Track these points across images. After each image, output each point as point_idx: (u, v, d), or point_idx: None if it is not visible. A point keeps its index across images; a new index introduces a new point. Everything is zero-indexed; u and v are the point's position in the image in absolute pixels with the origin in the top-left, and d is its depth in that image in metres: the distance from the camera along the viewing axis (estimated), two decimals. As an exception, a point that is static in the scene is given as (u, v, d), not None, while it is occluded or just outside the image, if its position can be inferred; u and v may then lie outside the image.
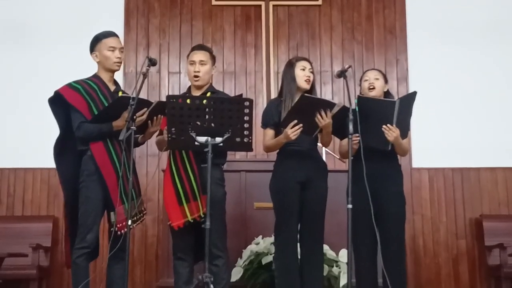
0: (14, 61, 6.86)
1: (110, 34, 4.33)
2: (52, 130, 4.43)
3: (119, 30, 6.36)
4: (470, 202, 6.71)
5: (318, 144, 4.45)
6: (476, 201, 6.71)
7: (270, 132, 4.39)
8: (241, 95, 4.57)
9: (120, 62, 4.33)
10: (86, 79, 4.30)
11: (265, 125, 4.43)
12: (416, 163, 6.76)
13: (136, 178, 4.32)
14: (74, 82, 4.26)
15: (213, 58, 4.44)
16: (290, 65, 4.42)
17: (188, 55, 4.47)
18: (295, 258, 4.32)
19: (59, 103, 4.22)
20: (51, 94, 4.24)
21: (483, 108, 6.86)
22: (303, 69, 4.37)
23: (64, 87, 4.22)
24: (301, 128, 4.09)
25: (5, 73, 6.84)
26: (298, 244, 4.37)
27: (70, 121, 4.20)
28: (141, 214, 4.30)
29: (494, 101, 6.87)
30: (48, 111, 4.27)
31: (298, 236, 4.35)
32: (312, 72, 4.40)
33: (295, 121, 4.09)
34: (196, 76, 4.33)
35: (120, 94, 4.21)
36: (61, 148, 4.28)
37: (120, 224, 4.04)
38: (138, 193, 4.28)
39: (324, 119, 4.06)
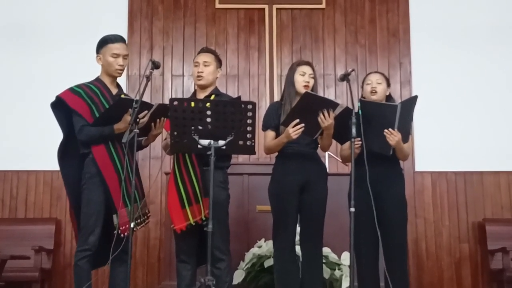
0: (17, 63, 6.87)
1: (116, 40, 4.29)
2: (55, 132, 4.44)
3: (123, 33, 6.29)
4: (473, 206, 6.71)
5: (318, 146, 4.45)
6: (479, 205, 6.71)
7: (270, 133, 4.39)
8: (240, 97, 4.57)
9: (122, 70, 4.31)
10: (88, 82, 4.31)
11: (265, 127, 4.44)
12: (419, 167, 6.76)
13: (139, 180, 4.32)
14: (76, 86, 4.26)
15: (218, 61, 4.45)
16: (291, 69, 4.44)
17: (194, 58, 4.49)
18: (293, 260, 4.33)
19: (61, 107, 4.22)
20: (54, 96, 4.24)
21: (487, 112, 6.86)
22: (303, 75, 4.37)
23: (65, 91, 4.23)
24: (303, 128, 4.09)
25: (7, 75, 6.86)
26: (299, 247, 4.37)
27: (73, 124, 4.20)
28: (145, 217, 4.29)
29: (497, 105, 6.87)
30: (50, 113, 4.27)
31: (298, 238, 4.36)
32: (313, 77, 4.40)
33: (297, 121, 4.09)
34: (199, 76, 4.35)
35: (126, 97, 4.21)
36: (65, 152, 4.29)
37: (123, 227, 4.03)
38: (142, 196, 4.28)
39: (327, 119, 4.05)
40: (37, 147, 6.58)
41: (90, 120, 4.13)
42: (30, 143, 6.66)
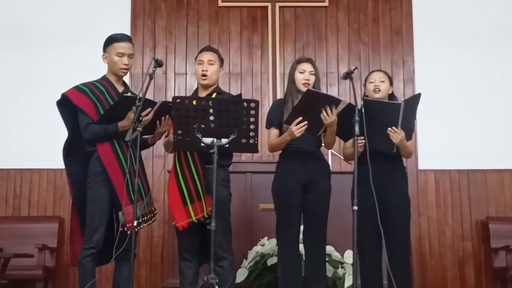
0: (20, 61, 6.88)
1: (122, 39, 4.30)
2: (58, 131, 4.45)
3: (126, 31, 6.33)
4: (476, 204, 6.70)
5: (322, 144, 4.45)
6: (482, 203, 6.70)
7: (274, 131, 4.40)
8: (240, 95, 4.57)
9: (127, 69, 4.32)
10: (94, 81, 4.32)
11: (269, 124, 4.44)
12: (422, 165, 6.76)
13: (145, 178, 4.33)
14: (82, 84, 4.27)
15: (221, 60, 4.45)
16: (292, 68, 4.46)
17: (196, 57, 4.48)
18: (297, 259, 4.33)
19: (67, 105, 4.23)
20: (58, 95, 4.25)
21: (490, 110, 6.85)
22: (302, 72, 4.37)
23: (71, 89, 4.24)
24: (306, 126, 4.09)
25: (10, 73, 6.86)
26: (302, 245, 4.37)
27: (79, 122, 4.21)
28: (152, 214, 4.29)
29: (500, 103, 6.86)
30: (54, 112, 4.28)
31: (302, 236, 4.36)
32: (314, 74, 4.39)
33: (300, 118, 4.09)
34: (204, 75, 4.34)
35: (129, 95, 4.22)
36: (70, 150, 4.30)
37: (129, 224, 4.03)
38: (147, 193, 4.28)
39: (330, 116, 4.05)
40: (40, 146, 6.59)
41: (96, 118, 4.14)
42: (33, 141, 6.67)
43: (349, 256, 4.93)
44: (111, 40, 4.31)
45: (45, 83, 6.67)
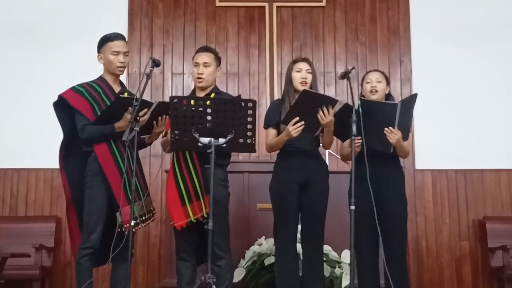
0: (18, 61, 6.87)
1: (116, 37, 4.31)
2: (55, 130, 4.44)
3: (123, 31, 6.30)
4: (473, 204, 6.71)
5: (320, 144, 4.45)
6: (479, 203, 6.71)
7: (272, 131, 4.40)
8: (240, 96, 4.57)
9: (124, 67, 4.33)
10: (91, 81, 4.32)
11: (267, 124, 4.45)
12: (419, 165, 6.76)
13: (143, 178, 4.33)
14: (78, 85, 4.28)
15: (218, 60, 4.44)
16: (289, 68, 4.47)
17: (193, 57, 4.48)
18: (294, 258, 4.34)
19: (63, 106, 4.23)
20: (55, 95, 4.24)
21: (487, 110, 6.85)
22: (299, 71, 4.39)
23: (68, 90, 4.24)
24: (303, 126, 4.09)
25: (8, 73, 6.85)
26: (299, 245, 4.38)
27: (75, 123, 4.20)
28: (150, 214, 4.30)
29: (498, 103, 6.86)
30: (51, 112, 4.28)
31: (299, 236, 4.36)
32: (311, 72, 4.41)
33: (297, 118, 4.09)
34: (199, 78, 4.34)
35: (125, 95, 4.22)
36: (68, 150, 4.30)
37: (127, 225, 4.03)
38: (146, 193, 4.28)
39: (326, 116, 4.05)
40: (38, 145, 6.58)
41: (92, 118, 4.14)
42: (31, 141, 6.66)
43: (346, 255, 4.93)
44: (104, 40, 4.32)
45: (43, 83, 6.67)
